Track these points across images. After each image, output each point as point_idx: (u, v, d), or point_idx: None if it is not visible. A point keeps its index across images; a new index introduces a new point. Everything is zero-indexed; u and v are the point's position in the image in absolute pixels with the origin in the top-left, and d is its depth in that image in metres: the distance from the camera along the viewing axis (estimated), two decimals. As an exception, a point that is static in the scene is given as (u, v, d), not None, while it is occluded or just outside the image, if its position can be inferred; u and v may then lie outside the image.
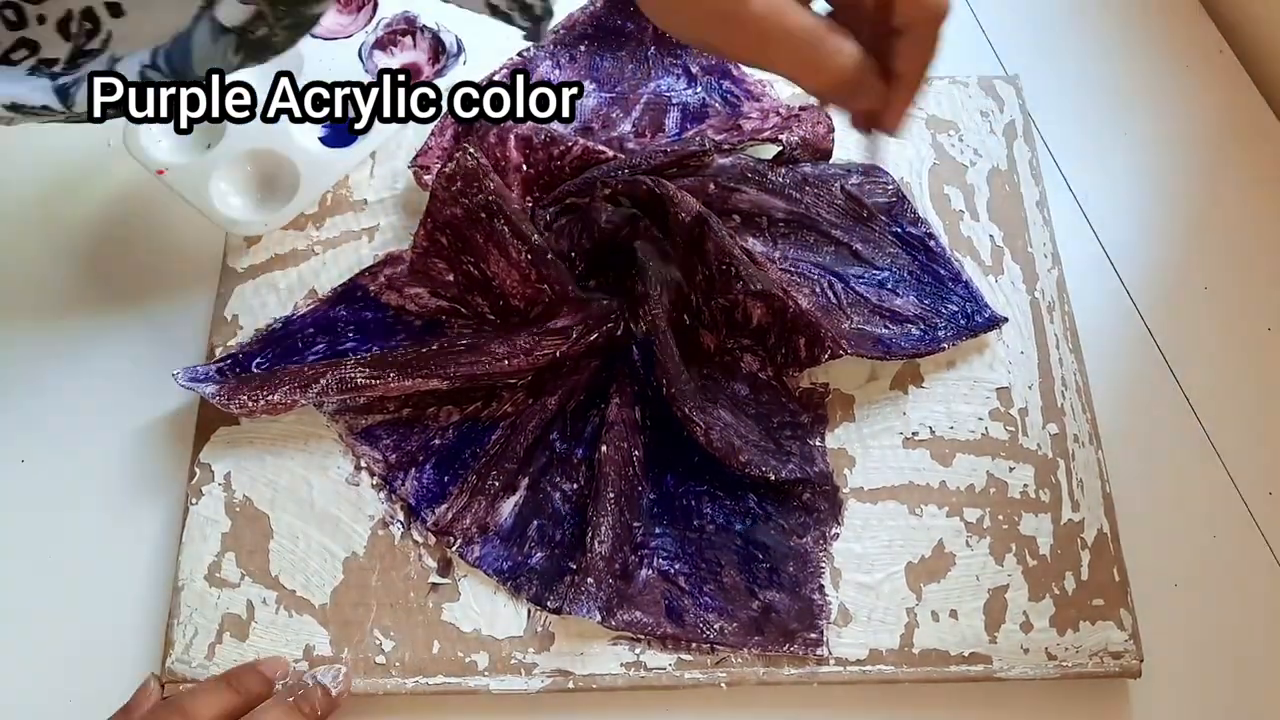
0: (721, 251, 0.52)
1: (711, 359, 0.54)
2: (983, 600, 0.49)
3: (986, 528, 0.51)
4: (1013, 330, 0.56)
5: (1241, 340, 0.58)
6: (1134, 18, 0.69)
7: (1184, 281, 0.60)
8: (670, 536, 0.50)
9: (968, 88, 0.64)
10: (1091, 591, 0.50)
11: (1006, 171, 0.61)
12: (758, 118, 0.60)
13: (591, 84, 0.62)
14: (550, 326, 0.52)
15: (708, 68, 0.63)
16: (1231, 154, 0.64)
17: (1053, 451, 0.53)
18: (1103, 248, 0.61)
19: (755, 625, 0.48)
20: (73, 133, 0.60)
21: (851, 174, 0.58)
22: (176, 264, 0.58)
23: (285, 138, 0.58)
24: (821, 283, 0.56)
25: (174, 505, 0.51)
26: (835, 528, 0.51)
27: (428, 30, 0.62)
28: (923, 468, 0.52)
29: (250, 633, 0.48)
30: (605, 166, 0.56)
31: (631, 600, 0.48)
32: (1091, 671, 0.48)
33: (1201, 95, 0.66)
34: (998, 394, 0.54)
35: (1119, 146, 0.64)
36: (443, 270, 0.55)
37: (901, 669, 0.48)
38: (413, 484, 0.51)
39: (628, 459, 0.50)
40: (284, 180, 0.58)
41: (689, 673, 0.48)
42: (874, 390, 0.54)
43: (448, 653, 0.48)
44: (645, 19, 0.64)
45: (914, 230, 0.58)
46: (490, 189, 0.53)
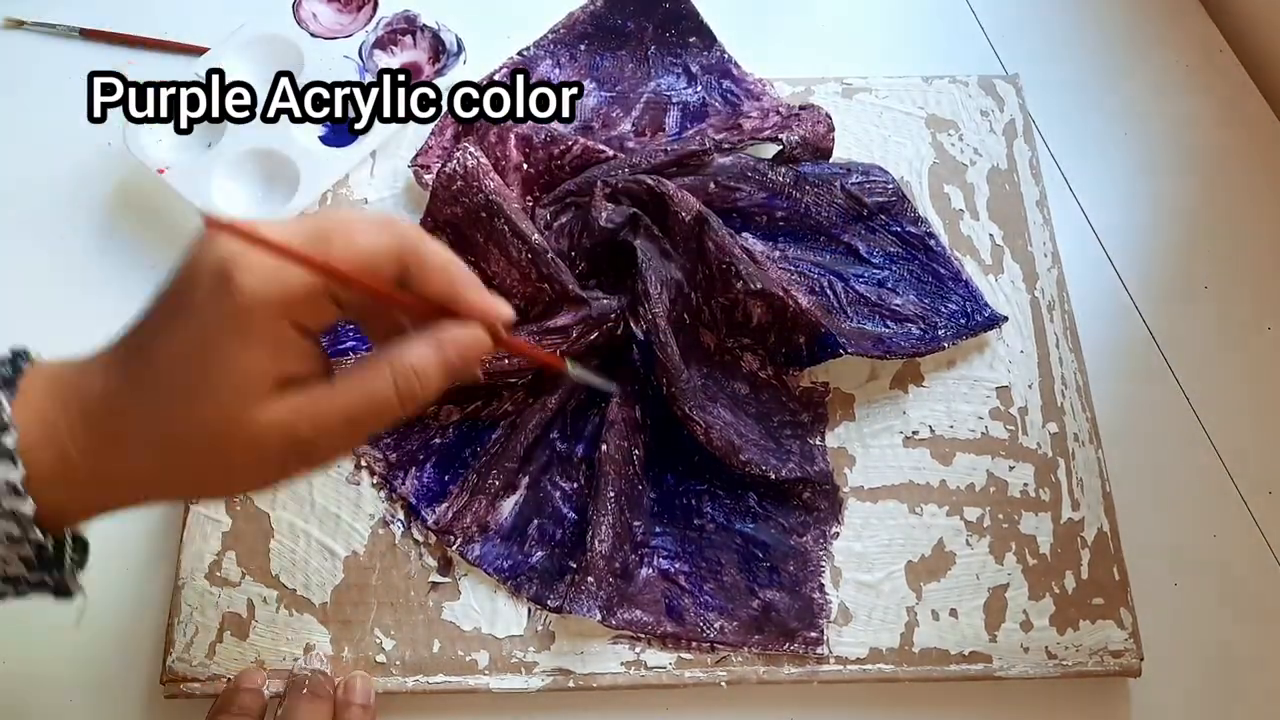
0: (722, 250, 0.52)
1: (712, 358, 0.54)
2: (983, 599, 0.49)
3: (986, 527, 0.51)
4: (1013, 329, 0.56)
5: (1241, 339, 0.58)
6: (1134, 17, 0.69)
7: (1184, 280, 0.60)
8: (670, 535, 0.50)
9: (968, 87, 0.64)
10: (1091, 590, 0.50)
11: (1006, 171, 0.61)
12: (758, 117, 0.60)
13: (591, 83, 0.62)
14: (550, 325, 0.52)
15: (708, 67, 0.63)
16: (1232, 153, 0.64)
17: (1053, 450, 0.53)
18: (1103, 247, 0.61)
19: (755, 624, 0.48)
20: (73, 133, 0.61)
21: (852, 173, 0.58)
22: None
23: (285, 137, 0.58)
24: (821, 282, 0.56)
25: (174, 504, 0.51)
26: (835, 527, 0.51)
27: (428, 30, 0.62)
28: (923, 467, 0.52)
29: (251, 631, 0.48)
30: (605, 166, 0.56)
31: (632, 599, 0.48)
32: (1091, 670, 0.48)
33: (1202, 95, 0.66)
34: (998, 393, 0.54)
35: (1119, 146, 0.65)
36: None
37: (901, 668, 0.48)
38: (413, 483, 0.51)
39: (628, 458, 0.50)
40: (284, 179, 0.58)
41: (689, 672, 0.48)
42: (874, 389, 0.54)
43: (448, 651, 0.48)
44: (645, 19, 0.64)
45: (914, 229, 0.58)
46: (490, 188, 0.53)
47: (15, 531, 0.31)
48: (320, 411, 0.32)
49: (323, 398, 0.33)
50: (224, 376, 0.31)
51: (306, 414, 0.32)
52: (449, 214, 0.53)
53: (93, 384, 0.33)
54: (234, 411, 0.31)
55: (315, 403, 0.33)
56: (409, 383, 0.33)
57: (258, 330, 0.31)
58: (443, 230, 0.54)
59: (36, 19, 0.65)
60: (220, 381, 0.31)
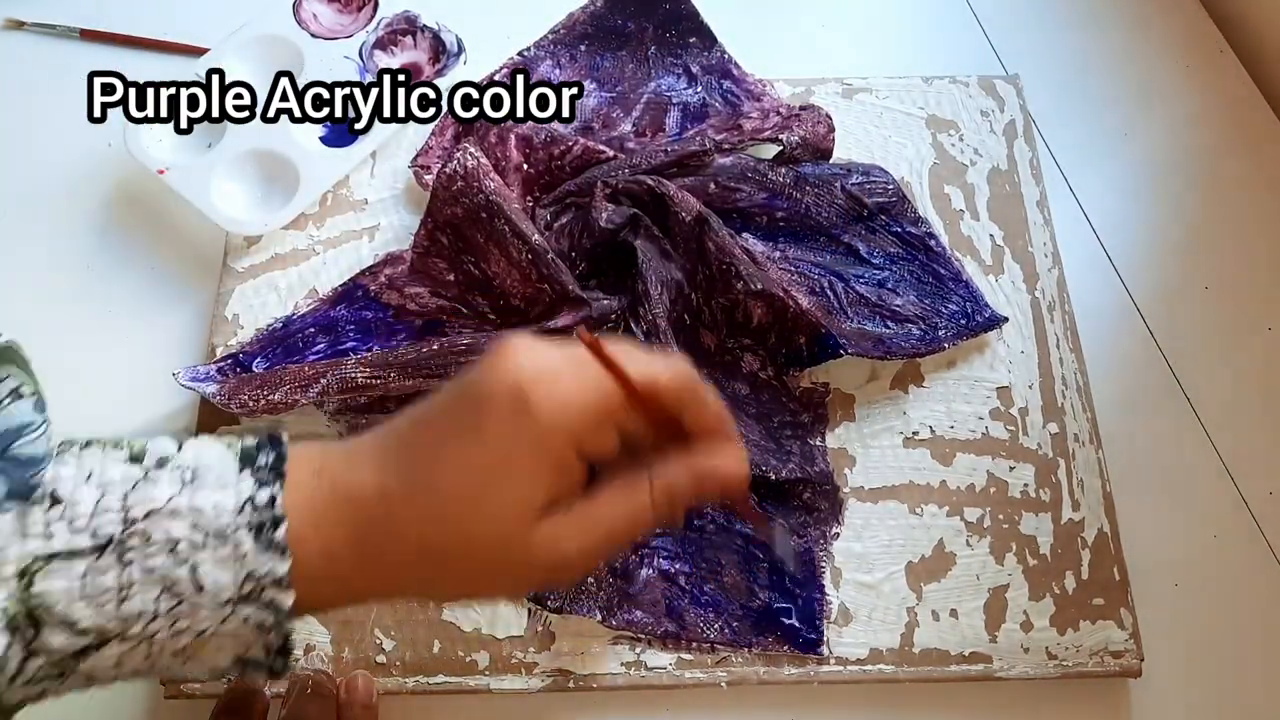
0: (722, 251, 0.52)
1: (712, 358, 0.54)
2: (983, 600, 0.49)
3: (987, 527, 0.51)
4: (1013, 330, 0.56)
5: (1242, 340, 0.58)
6: (1135, 17, 0.69)
7: (1185, 281, 0.60)
8: (670, 536, 0.50)
9: (968, 87, 0.64)
10: (1092, 591, 0.50)
11: (1007, 171, 0.61)
12: (758, 117, 0.60)
13: (592, 84, 0.62)
14: (550, 326, 0.52)
15: (708, 67, 0.63)
16: (1232, 154, 0.64)
17: (1053, 451, 0.53)
18: (1103, 247, 0.61)
19: (756, 625, 0.48)
20: (73, 133, 0.61)
21: (852, 174, 0.58)
22: (177, 263, 0.58)
23: (285, 138, 0.58)
24: (822, 282, 0.56)
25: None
26: (835, 527, 0.51)
27: (428, 30, 0.62)
28: (923, 467, 0.52)
29: (251, 632, 0.48)
30: (606, 166, 0.56)
31: (632, 600, 0.48)
32: (1092, 671, 0.48)
33: (1202, 95, 0.66)
34: (998, 393, 0.54)
35: (1119, 146, 0.64)
36: (443, 270, 0.55)
37: (902, 668, 0.48)
38: (413, 483, 0.51)
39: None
40: (284, 180, 0.58)
41: (689, 672, 0.48)
42: (874, 390, 0.54)
43: (448, 652, 0.48)
44: (646, 19, 0.64)
45: (914, 230, 0.58)
46: (490, 188, 0.53)
47: (269, 621, 0.31)
48: (584, 531, 0.33)
49: (587, 517, 0.33)
50: (510, 495, 0.31)
51: (571, 533, 0.32)
52: (449, 214, 0.53)
53: (364, 482, 0.32)
54: (510, 530, 0.31)
55: (579, 522, 0.33)
56: (664, 498, 0.33)
57: (550, 455, 0.31)
58: (443, 231, 0.54)
59: (36, 19, 0.65)
60: (506, 500, 0.31)
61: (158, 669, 0.32)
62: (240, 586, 0.30)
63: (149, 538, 0.30)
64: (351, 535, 0.32)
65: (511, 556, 0.32)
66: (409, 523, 0.32)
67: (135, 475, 0.31)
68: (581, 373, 0.32)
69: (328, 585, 0.32)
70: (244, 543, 0.30)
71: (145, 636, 0.30)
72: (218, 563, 0.30)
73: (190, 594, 0.30)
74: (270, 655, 0.32)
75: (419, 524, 0.32)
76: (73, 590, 0.29)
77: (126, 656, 0.31)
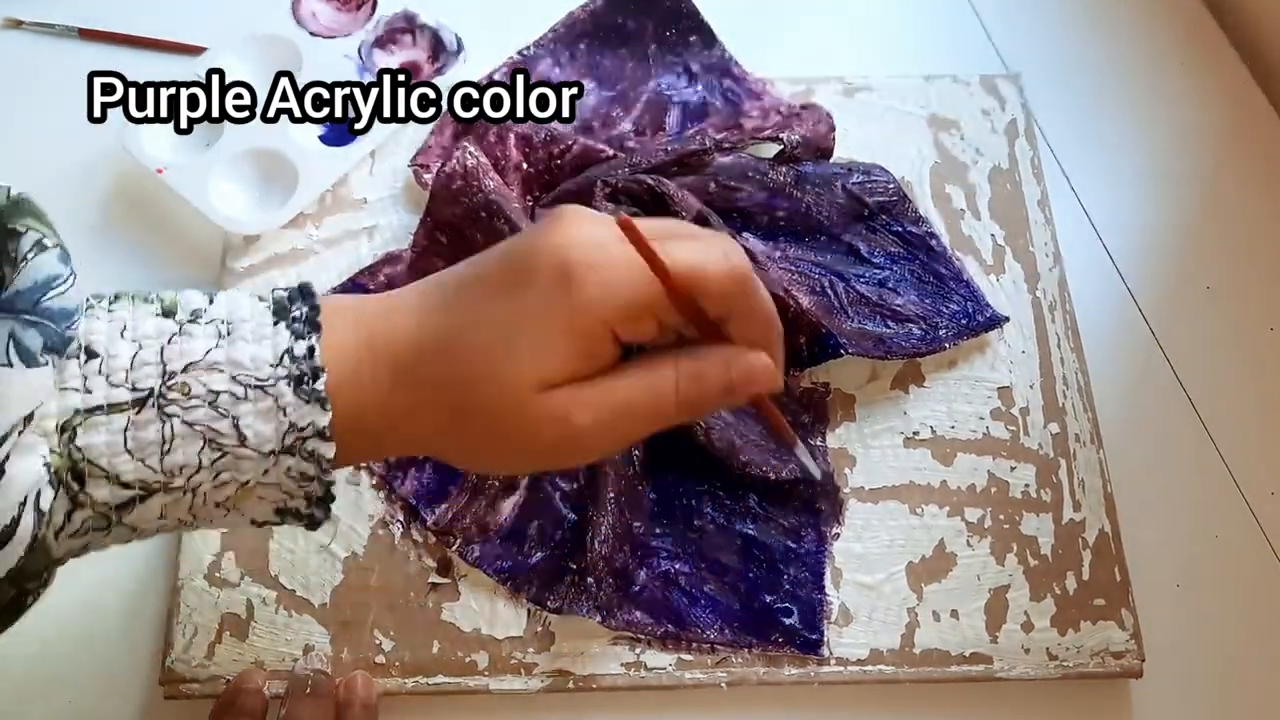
0: (722, 251, 0.52)
1: (712, 358, 0.54)
2: (984, 600, 0.49)
3: (988, 527, 0.51)
4: (1014, 329, 0.56)
5: (1244, 340, 0.58)
6: (1136, 16, 0.69)
7: (1186, 281, 0.60)
8: (670, 536, 0.50)
9: (969, 86, 0.63)
10: (1093, 591, 0.49)
11: (1008, 170, 0.61)
12: (758, 116, 0.60)
13: (592, 83, 0.62)
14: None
15: (708, 66, 0.63)
16: (1234, 153, 0.64)
17: (1054, 451, 0.53)
18: (1105, 247, 0.61)
19: (756, 625, 0.48)
20: (73, 133, 0.60)
21: (852, 173, 0.58)
22: (175, 263, 0.58)
23: (284, 137, 0.58)
24: (822, 282, 0.56)
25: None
26: (836, 527, 0.51)
27: (427, 29, 0.62)
28: (924, 467, 0.52)
29: (250, 632, 0.48)
30: (605, 165, 0.56)
31: (632, 600, 0.48)
32: (1093, 672, 0.48)
33: (1204, 94, 0.66)
34: (999, 393, 0.54)
35: (1121, 145, 0.64)
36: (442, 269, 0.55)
37: (902, 669, 0.48)
38: (412, 483, 0.51)
39: (628, 459, 0.50)
40: (283, 179, 0.58)
41: (689, 673, 0.47)
42: (874, 390, 0.54)
43: (447, 652, 0.48)
44: (646, 18, 0.64)
45: (915, 229, 0.57)
46: (490, 188, 0.53)
47: (311, 471, 0.31)
48: (597, 400, 0.32)
49: (604, 389, 0.32)
50: (527, 363, 0.31)
51: (583, 401, 0.32)
52: (449, 214, 0.53)
53: (401, 335, 0.32)
54: (523, 393, 0.31)
55: (596, 394, 0.32)
56: (691, 385, 0.33)
57: (580, 338, 0.31)
58: (442, 230, 0.54)
59: (36, 19, 0.65)
60: (521, 366, 0.31)
61: (200, 520, 0.32)
62: (282, 439, 0.30)
63: (189, 391, 0.30)
64: (386, 387, 0.32)
65: (519, 419, 0.32)
66: (439, 377, 0.32)
67: (170, 329, 0.31)
68: (632, 259, 0.31)
69: (362, 438, 0.32)
70: (284, 394, 0.30)
71: (189, 488, 0.31)
72: (259, 415, 0.30)
73: (233, 446, 0.30)
74: (311, 504, 0.32)
75: (448, 379, 0.32)
76: (115, 444, 0.29)
77: (170, 508, 0.31)
